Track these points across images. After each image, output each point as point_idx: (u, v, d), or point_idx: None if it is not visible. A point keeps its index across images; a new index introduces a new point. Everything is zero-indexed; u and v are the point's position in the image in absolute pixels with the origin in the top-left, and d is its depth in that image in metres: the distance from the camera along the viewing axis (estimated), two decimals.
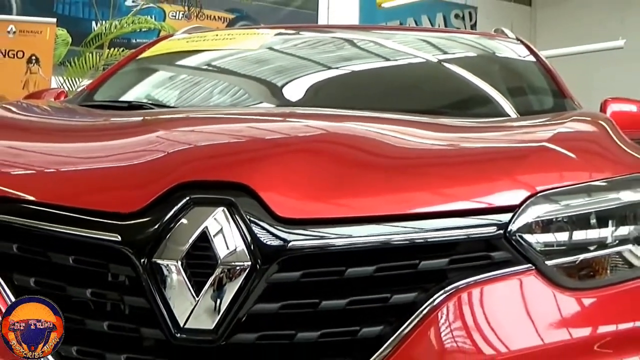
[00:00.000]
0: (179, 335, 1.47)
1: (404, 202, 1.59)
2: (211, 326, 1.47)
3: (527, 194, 1.62)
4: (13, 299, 1.56)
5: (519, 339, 1.51)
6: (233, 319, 1.47)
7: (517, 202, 1.60)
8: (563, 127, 2.05)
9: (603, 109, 3.00)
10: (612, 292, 1.60)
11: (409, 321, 1.47)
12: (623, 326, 1.59)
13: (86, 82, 6.73)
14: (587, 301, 1.58)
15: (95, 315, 1.53)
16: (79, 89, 3.25)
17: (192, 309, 1.48)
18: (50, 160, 1.86)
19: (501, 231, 1.56)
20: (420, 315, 1.48)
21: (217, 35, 3.67)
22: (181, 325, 1.48)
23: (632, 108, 3.04)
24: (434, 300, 1.49)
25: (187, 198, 1.54)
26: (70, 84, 7.08)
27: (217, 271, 1.48)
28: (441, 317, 1.48)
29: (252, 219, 1.51)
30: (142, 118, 2.19)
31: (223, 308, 1.47)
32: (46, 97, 3.18)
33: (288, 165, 1.66)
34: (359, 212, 1.56)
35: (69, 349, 1.52)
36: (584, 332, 1.55)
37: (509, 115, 2.64)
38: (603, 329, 1.57)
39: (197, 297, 1.48)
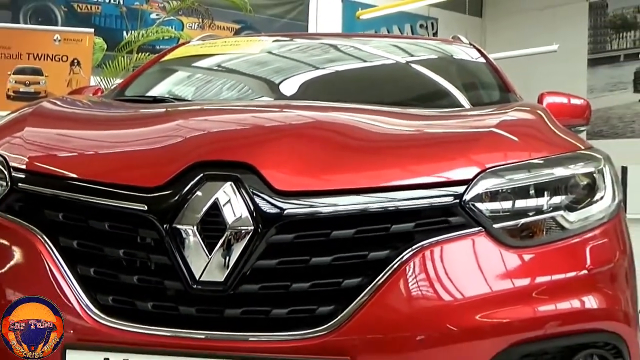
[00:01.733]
0: (195, 286, 1.48)
1: (378, 177, 1.60)
2: (221, 279, 1.48)
3: (478, 170, 1.63)
4: (60, 259, 1.55)
5: (471, 287, 1.52)
6: (239, 273, 1.48)
7: (470, 176, 1.61)
8: (507, 116, 2.06)
9: (540, 100, 2.99)
10: (547, 249, 1.62)
11: (383, 273, 1.48)
12: (556, 277, 1.60)
13: (118, 81, 6.73)
14: (526, 257, 1.59)
15: (126, 270, 1.54)
16: (112, 87, 3.22)
17: (205, 265, 1.48)
18: (89, 144, 1.85)
19: (457, 200, 1.57)
20: (392, 269, 1.49)
21: (225, 42, 3.65)
22: (197, 278, 1.48)
23: (564, 100, 3.04)
24: (403, 256, 1.50)
25: (201, 175, 1.55)
26: (105, 83, 7.04)
27: (226, 234, 1.49)
28: (409, 270, 1.49)
29: (254, 191, 1.52)
30: (164, 110, 2.18)
31: (231, 264, 1.48)
32: (86, 93, 3.16)
33: (284, 147, 1.66)
34: (342, 185, 1.57)
35: (106, 298, 1.52)
36: (524, 282, 1.57)
37: (464, 106, 2.64)
38: (540, 279, 1.58)
39: (210, 255, 1.49)
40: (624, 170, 6.51)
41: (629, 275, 1.74)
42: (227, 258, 1.48)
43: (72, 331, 1.50)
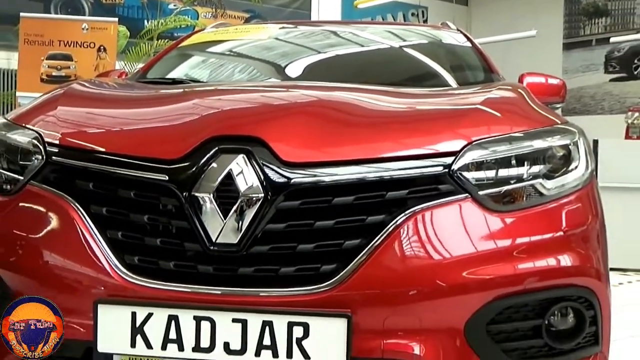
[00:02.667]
0: (212, 248, 1.48)
1: (375, 149, 1.59)
2: (235, 241, 1.48)
3: (465, 142, 1.62)
4: (91, 224, 1.55)
5: (459, 247, 1.52)
6: (251, 235, 1.48)
7: (457, 148, 1.60)
8: (491, 94, 2.04)
9: (520, 80, 2.97)
10: (527, 213, 1.61)
11: (379, 235, 1.48)
12: (535, 238, 1.59)
13: (141, 65, 6.73)
14: (508, 220, 1.59)
15: (150, 234, 1.53)
16: (135, 70, 3.21)
17: (221, 228, 1.48)
18: (115, 121, 1.85)
19: (446, 170, 1.57)
20: (387, 231, 1.49)
21: (236, 29, 3.62)
22: (213, 240, 1.48)
23: (542, 80, 3.01)
24: (397, 220, 1.49)
25: (216, 148, 1.54)
26: (129, 67, 7.02)
27: (239, 201, 1.49)
28: (402, 232, 1.49)
29: (264, 163, 1.51)
30: (182, 90, 2.16)
31: (244, 228, 1.48)
32: (111, 76, 3.15)
33: (291, 123, 1.65)
34: (343, 156, 1.56)
35: (132, 259, 1.52)
36: (506, 242, 1.56)
37: (452, 86, 2.62)
38: (520, 240, 1.58)
39: (225, 220, 1.49)
40: (595, 143, 6.48)
41: (600, 237, 1.74)
42: (240, 222, 1.48)
43: (102, 288, 1.51)
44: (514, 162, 1.65)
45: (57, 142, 1.69)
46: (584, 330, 1.62)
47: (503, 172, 1.63)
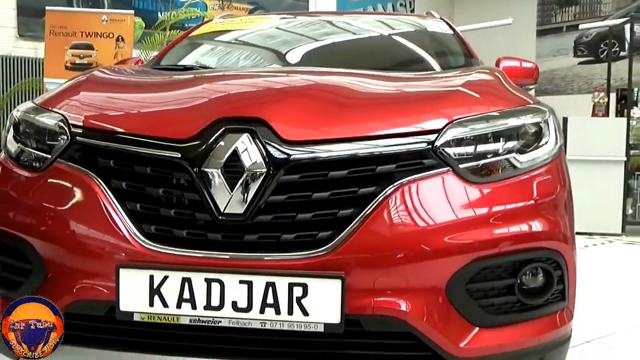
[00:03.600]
0: (220, 217, 1.49)
1: (366, 128, 1.58)
2: (241, 211, 1.48)
3: (447, 121, 1.62)
4: (113, 197, 1.55)
5: (441, 215, 1.52)
6: (255, 206, 1.48)
7: (440, 126, 1.60)
8: (471, 77, 2.03)
9: (497, 64, 2.96)
10: (502, 184, 1.61)
11: (370, 205, 1.48)
12: (509, 206, 1.59)
13: (155, 53, 6.69)
14: (485, 191, 1.59)
15: (165, 205, 1.53)
16: (150, 58, 3.18)
17: (228, 200, 1.49)
18: (132, 104, 1.84)
19: (430, 146, 1.56)
20: (378, 201, 1.49)
21: (241, 19, 3.59)
22: (222, 211, 1.49)
23: (517, 63, 2.99)
24: (387, 191, 1.50)
25: (223, 128, 1.54)
26: (145, 55, 6.96)
27: (244, 176, 1.49)
28: (391, 202, 1.49)
29: (266, 141, 1.51)
30: (192, 75, 2.15)
31: (249, 199, 1.48)
32: (129, 63, 3.12)
33: (290, 105, 1.64)
34: (337, 135, 1.55)
35: (150, 228, 1.52)
36: (483, 210, 1.57)
37: (436, 70, 2.60)
38: (496, 208, 1.58)
39: (231, 193, 1.49)
40: (565, 120, 6.46)
41: (567, 204, 1.74)
42: (246, 194, 1.48)
43: (123, 254, 1.51)
44: (490, 138, 1.64)
45: (80, 123, 1.69)
46: (552, 288, 1.63)
47: (481, 148, 1.62)
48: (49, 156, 1.69)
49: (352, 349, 1.49)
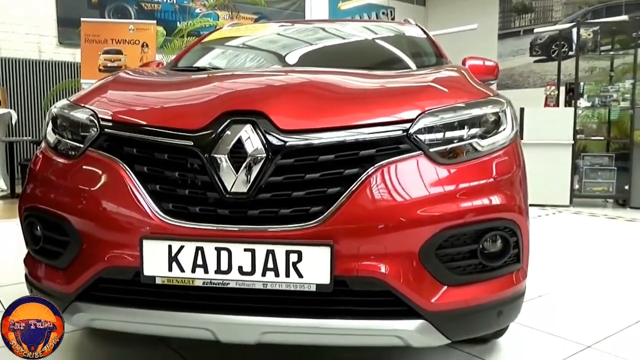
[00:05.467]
0: (227, 196, 1.47)
1: (351, 118, 1.55)
2: (245, 190, 1.46)
3: (420, 111, 1.59)
4: (136, 179, 1.53)
5: (414, 191, 1.50)
6: (257, 186, 1.46)
7: (414, 116, 1.57)
8: (440, 74, 2.00)
9: (463, 62, 2.92)
10: (466, 165, 1.59)
11: (354, 184, 1.47)
12: (472, 183, 1.57)
13: (173, 56, 6.68)
14: (452, 170, 1.56)
15: (181, 186, 1.51)
16: (169, 61, 3.13)
17: (234, 181, 1.47)
18: (152, 101, 1.79)
19: (405, 133, 1.54)
20: (360, 181, 1.47)
21: (246, 27, 3.53)
22: (229, 190, 1.47)
23: (480, 62, 2.95)
24: (368, 172, 1.48)
25: (229, 120, 1.51)
26: (166, 59, 6.91)
27: (247, 160, 1.47)
28: (372, 181, 1.47)
29: (266, 130, 1.49)
30: (203, 75, 2.11)
31: (251, 180, 1.46)
32: (151, 65, 3.08)
33: (286, 99, 1.61)
34: (326, 124, 1.53)
35: (168, 205, 1.50)
36: (450, 187, 1.54)
37: (411, 68, 2.57)
38: (461, 185, 1.55)
39: (237, 174, 1.47)
40: (522, 110, 6.43)
41: (522, 181, 1.72)
42: (249, 176, 1.46)
43: (146, 228, 1.49)
44: (456, 126, 1.62)
45: (108, 117, 1.66)
46: (509, 252, 1.62)
47: (448, 134, 1.60)
48: (82, 145, 1.66)
49: (340, 305, 1.49)
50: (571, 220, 5.63)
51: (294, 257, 1.43)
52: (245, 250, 1.44)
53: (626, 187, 6.40)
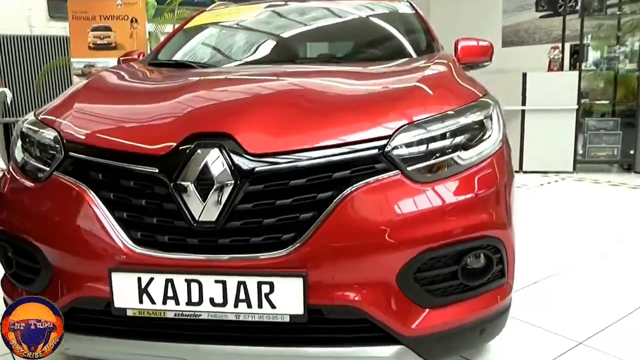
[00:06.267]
0: (195, 225, 1.41)
1: (323, 138, 1.46)
2: (214, 219, 1.40)
3: (397, 126, 1.51)
4: (104, 206, 1.47)
5: (392, 213, 1.42)
6: (226, 214, 1.40)
7: (390, 133, 1.49)
8: (426, 73, 1.89)
9: (456, 45, 2.80)
10: (447, 182, 1.50)
11: (328, 208, 1.40)
12: (452, 201, 1.49)
13: (167, 28, 6.51)
14: (431, 189, 1.47)
15: (148, 214, 1.45)
16: (149, 53, 2.99)
17: (202, 209, 1.41)
18: (117, 121, 1.68)
19: (381, 151, 1.46)
20: (335, 204, 1.40)
21: (230, 10, 3.36)
22: (196, 219, 1.41)
23: (474, 43, 2.83)
24: (342, 196, 1.40)
25: (196, 143, 1.44)
26: (159, 29, 6.74)
27: (215, 187, 1.40)
28: (347, 204, 1.40)
29: (233, 155, 1.42)
30: (177, 84, 1.95)
31: (220, 208, 1.40)
32: (133, 55, 2.98)
33: (254, 118, 1.52)
34: (297, 145, 1.44)
35: (136, 234, 1.45)
36: (429, 207, 1.46)
37: (399, 57, 2.42)
38: (440, 205, 1.47)
39: (204, 202, 1.40)
40: (524, 75, 6.26)
41: (507, 191, 1.63)
42: (217, 204, 1.40)
43: (115, 258, 1.44)
44: (436, 141, 1.52)
45: (72, 140, 1.59)
46: (492, 270, 1.56)
47: (427, 150, 1.51)
48: (48, 169, 1.60)
49: (316, 333, 1.45)
50: (573, 189, 5.54)
51: (266, 289, 1.38)
52: (216, 281, 1.39)
53: (631, 152, 6.27)
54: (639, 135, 6.22)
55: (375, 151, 1.46)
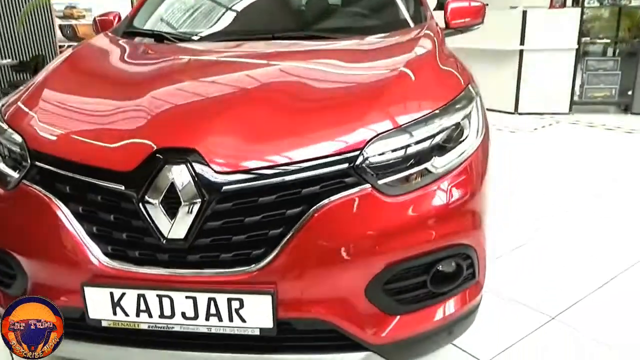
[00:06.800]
0: (164, 241, 1.41)
1: (291, 154, 1.42)
2: (182, 236, 1.40)
3: (370, 136, 1.46)
4: (73, 218, 1.46)
5: (360, 229, 1.41)
6: (195, 231, 1.39)
7: (361, 146, 1.44)
8: (412, 53, 1.82)
9: (445, 7, 2.66)
10: (419, 193, 1.48)
11: (297, 224, 1.39)
12: (423, 212, 1.47)
13: None
14: (402, 201, 1.45)
15: (117, 229, 1.44)
16: (127, 15, 2.83)
17: (170, 226, 1.39)
18: (83, 127, 1.62)
19: (351, 165, 1.42)
20: (304, 220, 1.38)
21: None
22: (165, 236, 1.40)
23: (465, 4, 2.70)
24: (311, 211, 1.39)
25: (162, 159, 1.40)
26: None
27: (182, 204, 1.38)
28: (316, 220, 1.39)
29: (199, 172, 1.38)
30: (148, 70, 1.87)
31: (188, 225, 1.39)
32: (109, 16, 2.84)
33: (221, 132, 1.46)
34: (265, 162, 1.41)
35: (107, 248, 1.45)
36: (400, 220, 1.45)
37: (391, 19, 2.30)
38: (413, 216, 1.46)
39: (172, 220, 1.39)
40: (524, 13, 6.00)
41: (481, 195, 1.60)
42: (185, 221, 1.38)
43: (87, 270, 1.45)
44: (412, 147, 1.49)
45: (37, 148, 1.55)
46: (462, 275, 1.58)
47: (400, 162, 1.47)
48: (16, 175, 1.57)
49: (286, 342, 1.48)
50: (567, 134, 5.49)
51: (235, 304, 1.40)
52: (187, 297, 1.41)
53: (629, 93, 6.16)
54: (638, 75, 6.08)
55: (345, 165, 1.42)
